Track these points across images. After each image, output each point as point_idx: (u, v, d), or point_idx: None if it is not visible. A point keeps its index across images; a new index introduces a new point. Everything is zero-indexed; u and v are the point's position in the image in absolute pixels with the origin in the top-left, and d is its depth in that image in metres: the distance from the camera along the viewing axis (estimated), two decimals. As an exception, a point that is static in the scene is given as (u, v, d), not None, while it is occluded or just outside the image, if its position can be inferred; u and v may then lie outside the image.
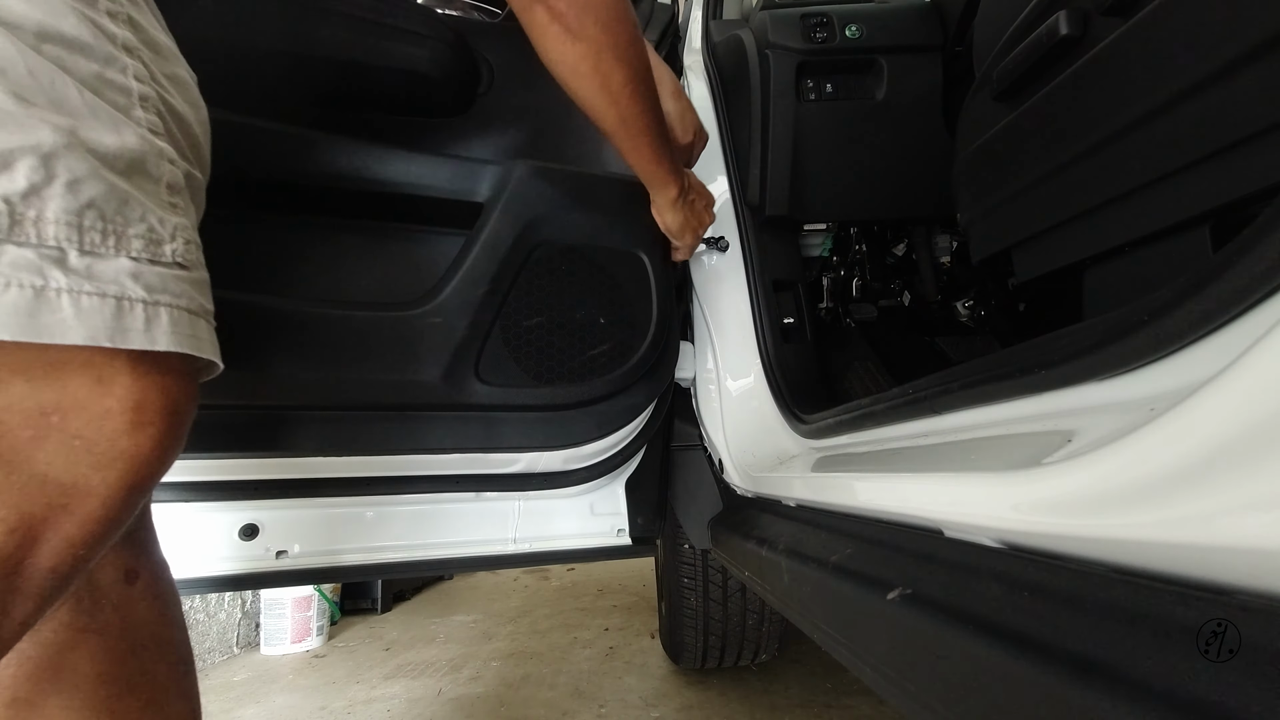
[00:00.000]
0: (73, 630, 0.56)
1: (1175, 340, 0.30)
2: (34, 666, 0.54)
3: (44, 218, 0.40)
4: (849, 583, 0.56)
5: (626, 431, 0.99)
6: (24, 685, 0.53)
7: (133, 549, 0.62)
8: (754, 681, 1.74)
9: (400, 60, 0.93)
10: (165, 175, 0.49)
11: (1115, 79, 0.60)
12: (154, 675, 0.60)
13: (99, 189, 0.43)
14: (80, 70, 0.44)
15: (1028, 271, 0.82)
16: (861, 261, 1.45)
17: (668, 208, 0.93)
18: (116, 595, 0.59)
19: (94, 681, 0.56)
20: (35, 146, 0.40)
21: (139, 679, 0.59)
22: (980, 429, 0.52)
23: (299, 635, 2.38)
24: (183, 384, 0.47)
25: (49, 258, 0.40)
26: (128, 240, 0.44)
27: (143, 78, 0.49)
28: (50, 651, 0.54)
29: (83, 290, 0.41)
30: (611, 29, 0.69)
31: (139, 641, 0.60)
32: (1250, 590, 0.26)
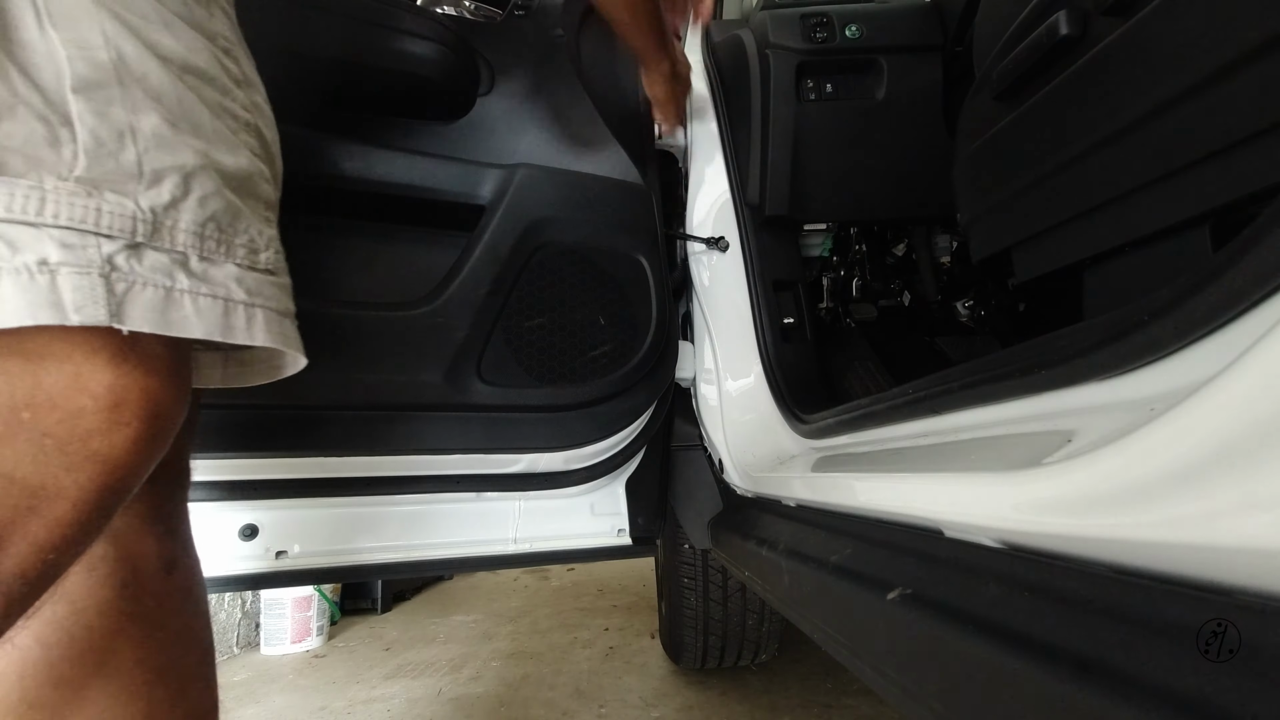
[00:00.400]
0: (118, 616, 0.57)
1: (1175, 340, 0.30)
2: (80, 650, 0.55)
3: (178, 227, 0.46)
4: (849, 583, 0.56)
5: (627, 432, 0.99)
6: (70, 668, 0.54)
7: (174, 540, 0.63)
8: (754, 681, 1.74)
9: (401, 62, 0.93)
10: (264, 193, 0.55)
11: (1115, 79, 0.60)
12: (184, 664, 0.62)
13: (220, 204, 0.49)
14: (209, 99, 0.51)
15: (1028, 271, 0.82)
16: (861, 261, 1.45)
17: (660, 80, 1.05)
18: (157, 585, 0.60)
19: (132, 667, 0.57)
20: (180, 166, 0.46)
21: (171, 667, 0.61)
22: (980, 429, 0.52)
23: (299, 635, 2.38)
24: (168, 386, 0.47)
25: (177, 261, 0.46)
26: (235, 249, 0.50)
27: (246, 106, 0.56)
28: (95, 636, 0.56)
29: (200, 292, 0.47)
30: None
31: (173, 631, 0.61)
32: (1250, 590, 0.26)
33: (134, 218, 0.44)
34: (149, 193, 0.44)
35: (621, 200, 1.00)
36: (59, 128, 0.42)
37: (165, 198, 0.45)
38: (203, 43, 0.51)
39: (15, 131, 0.41)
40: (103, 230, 0.42)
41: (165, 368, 0.47)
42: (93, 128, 0.43)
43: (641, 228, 1.00)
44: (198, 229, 0.47)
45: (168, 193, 0.45)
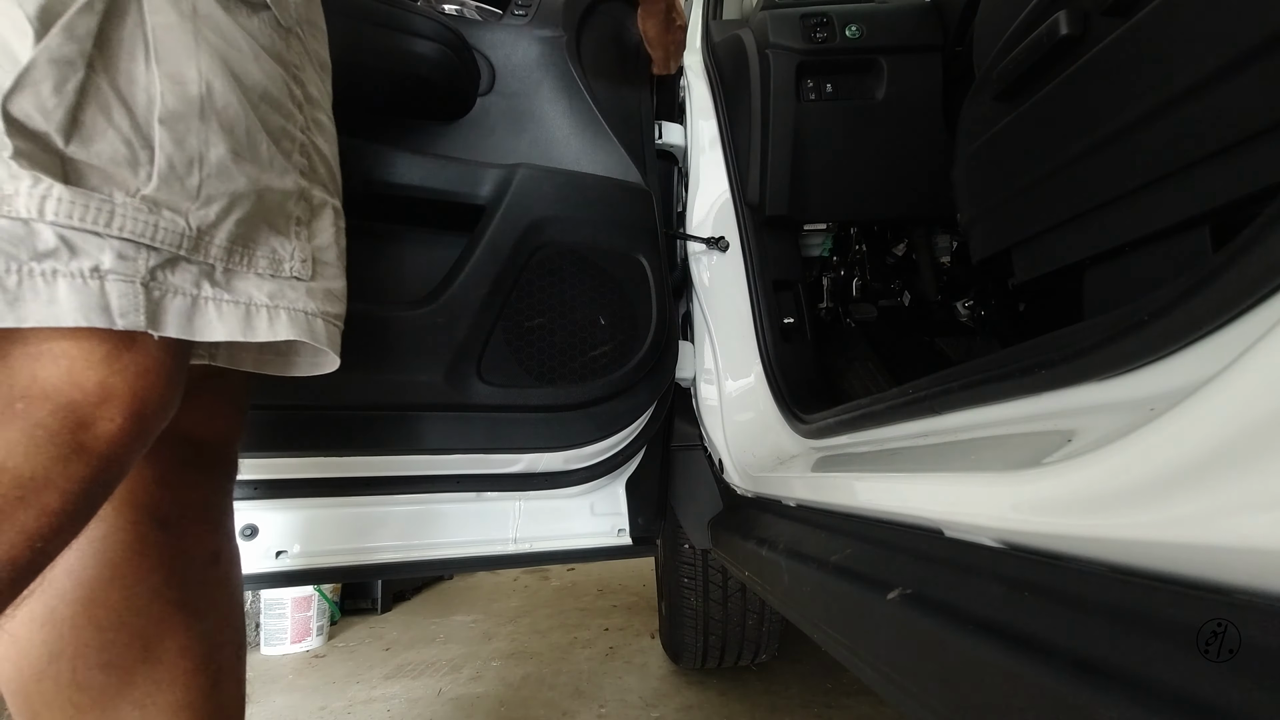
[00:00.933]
0: (166, 603, 0.59)
1: (1175, 340, 0.30)
2: (130, 635, 0.58)
3: (214, 242, 0.50)
4: (849, 583, 0.56)
5: (627, 432, 0.99)
6: (120, 652, 0.57)
7: (221, 533, 0.66)
8: (754, 681, 1.74)
9: (401, 62, 0.93)
10: (295, 211, 0.58)
11: (1115, 79, 0.60)
12: (222, 656, 0.64)
13: (251, 223, 0.53)
14: (272, 125, 0.55)
15: (1028, 271, 0.81)
16: (861, 261, 1.45)
17: (655, 15, 1.05)
18: (204, 574, 0.63)
19: (176, 655, 0.60)
20: (231, 192, 0.50)
21: (210, 658, 0.62)
22: (980, 429, 0.52)
23: (299, 635, 2.38)
24: (156, 386, 0.49)
25: (204, 272, 0.49)
26: (256, 260, 0.53)
27: (304, 126, 0.60)
28: (145, 622, 0.58)
29: (223, 299, 0.50)
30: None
31: (214, 621, 0.64)
32: (1250, 590, 0.26)
33: (182, 234, 0.47)
34: (199, 212, 0.49)
35: (622, 200, 1.00)
36: (139, 150, 0.46)
37: (211, 218, 0.49)
38: (279, 71, 0.56)
39: (103, 151, 0.44)
40: (155, 243, 0.46)
41: (157, 368, 0.48)
42: (170, 154, 0.47)
43: (641, 227, 1.00)
44: (228, 244, 0.51)
45: (214, 214, 0.49)
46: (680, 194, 1.38)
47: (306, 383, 0.80)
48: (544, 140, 1.06)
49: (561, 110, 1.08)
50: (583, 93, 1.10)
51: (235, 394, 0.69)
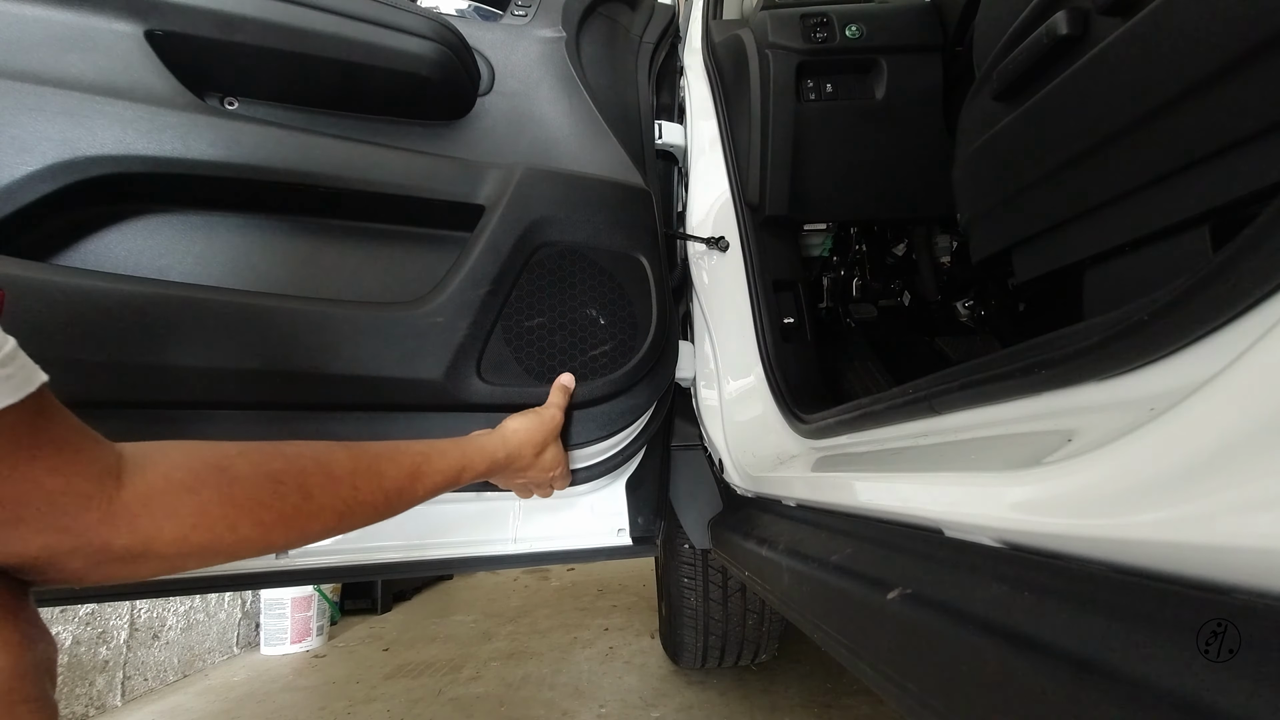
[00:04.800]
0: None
1: (1175, 340, 0.30)
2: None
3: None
4: (849, 583, 0.56)
5: (627, 432, 0.99)
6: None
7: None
8: (754, 681, 1.74)
9: (401, 62, 0.93)
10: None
11: (1115, 79, 0.60)
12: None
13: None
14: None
15: (1028, 271, 0.82)
16: (861, 261, 1.45)
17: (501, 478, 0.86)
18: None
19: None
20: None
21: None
22: (980, 429, 0.52)
23: (299, 635, 2.38)
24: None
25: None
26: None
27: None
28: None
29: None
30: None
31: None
32: (1250, 590, 0.26)
33: None
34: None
35: (621, 200, 1.00)
36: None
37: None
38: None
39: None
40: None
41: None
42: None
43: (641, 227, 1.00)
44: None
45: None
46: (680, 194, 1.38)
47: (306, 382, 0.80)
48: (544, 140, 1.06)
49: (561, 110, 1.08)
50: (582, 93, 1.10)
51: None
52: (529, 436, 0.83)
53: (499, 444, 0.80)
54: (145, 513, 0.46)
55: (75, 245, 0.79)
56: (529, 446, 0.83)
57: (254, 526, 0.52)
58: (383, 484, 0.64)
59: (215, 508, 0.50)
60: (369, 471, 0.63)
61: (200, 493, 0.50)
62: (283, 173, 0.84)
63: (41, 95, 0.74)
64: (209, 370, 0.75)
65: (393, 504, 0.66)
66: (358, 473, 0.62)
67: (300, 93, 0.95)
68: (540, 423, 0.85)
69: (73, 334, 0.69)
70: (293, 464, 0.57)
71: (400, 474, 0.67)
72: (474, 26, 1.11)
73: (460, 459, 0.75)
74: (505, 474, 0.83)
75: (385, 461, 0.65)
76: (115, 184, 0.78)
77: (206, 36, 0.84)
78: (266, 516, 0.53)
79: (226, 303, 0.77)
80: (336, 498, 0.59)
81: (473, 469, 0.76)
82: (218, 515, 0.50)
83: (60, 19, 0.79)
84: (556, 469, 0.89)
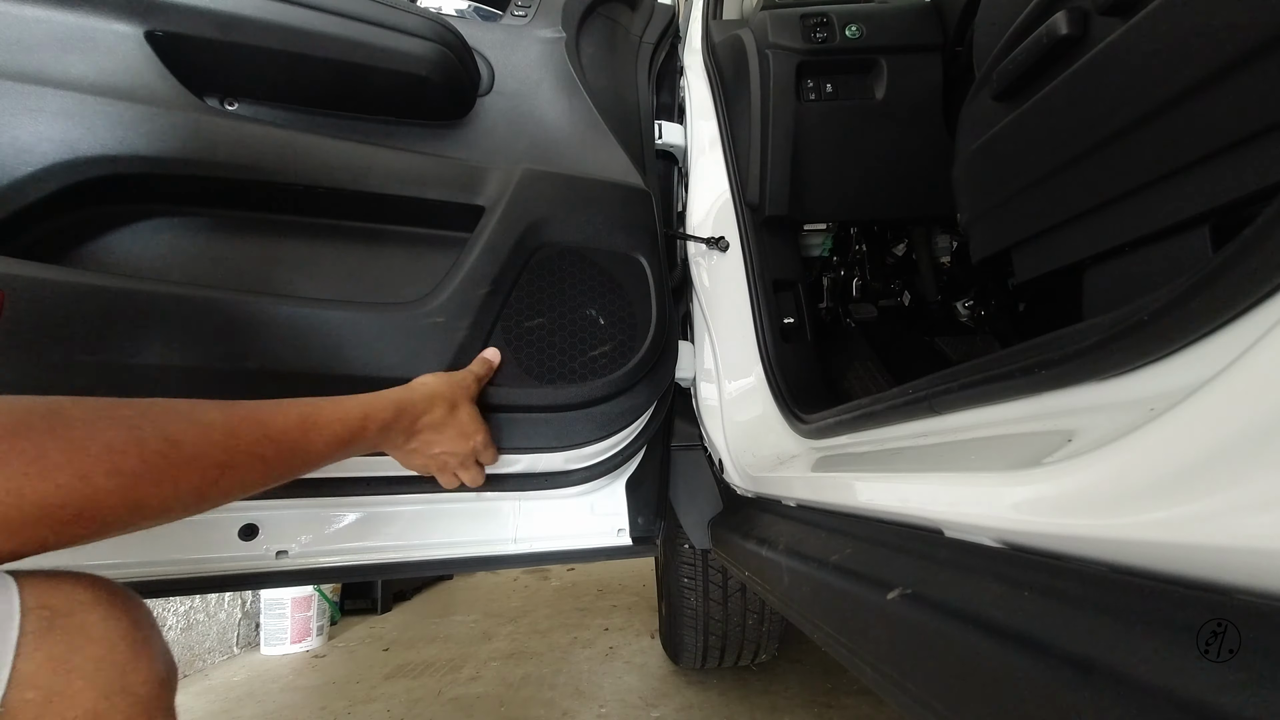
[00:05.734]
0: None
1: (1175, 340, 0.30)
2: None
3: None
4: (849, 583, 0.56)
5: (627, 432, 0.99)
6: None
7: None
8: (754, 681, 1.74)
9: (401, 62, 0.93)
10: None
11: (1115, 79, 0.60)
12: None
13: None
14: None
15: (1028, 271, 0.82)
16: (861, 261, 1.45)
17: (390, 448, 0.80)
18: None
19: None
20: None
21: None
22: (980, 429, 0.52)
23: (299, 635, 2.39)
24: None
25: None
26: None
27: None
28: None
29: None
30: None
31: None
32: (1250, 590, 0.26)
33: None
34: None
35: (621, 201, 1.00)
36: None
37: None
38: None
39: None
40: None
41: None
42: None
43: (641, 228, 1.00)
44: None
45: None
46: (680, 194, 1.38)
47: (307, 382, 0.80)
48: (544, 140, 1.06)
49: (561, 110, 1.08)
50: (582, 93, 1.10)
51: None
52: (437, 389, 0.79)
53: (405, 393, 0.76)
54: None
55: (75, 245, 0.79)
56: (439, 400, 0.78)
57: (110, 475, 0.45)
58: (268, 433, 0.58)
59: (54, 453, 0.43)
60: (247, 420, 0.57)
61: (28, 436, 0.43)
62: (282, 173, 0.84)
63: (41, 95, 0.74)
64: (209, 370, 0.75)
65: (286, 458, 0.60)
66: (233, 420, 0.56)
67: (300, 93, 0.95)
68: (450, 379, 0.81)
69: (73, 334, 0.69)
70: (146, 410, 0.51)
71: (287, 423, 0.61)
72: (474, 27, 1.11)
73: (360, 407, 0.69)
74: (421, 435, 0.78)
75: (266, 411, 0.60)
76: (115, 185, 0.78)
77: (207, 37, 0.84)
78: (125, 464, 0.46)
79: (226, 303, 0.77)
80: (210, 444, 0.53)
81: (377, 419, 0.70)
82: (59, 461, 0.43)
83: (61, 19, 0.79)
84: (477, 435, 0.83)
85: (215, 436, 0.54)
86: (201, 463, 0.52)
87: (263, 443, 0.58)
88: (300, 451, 0.62)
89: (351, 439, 0.67)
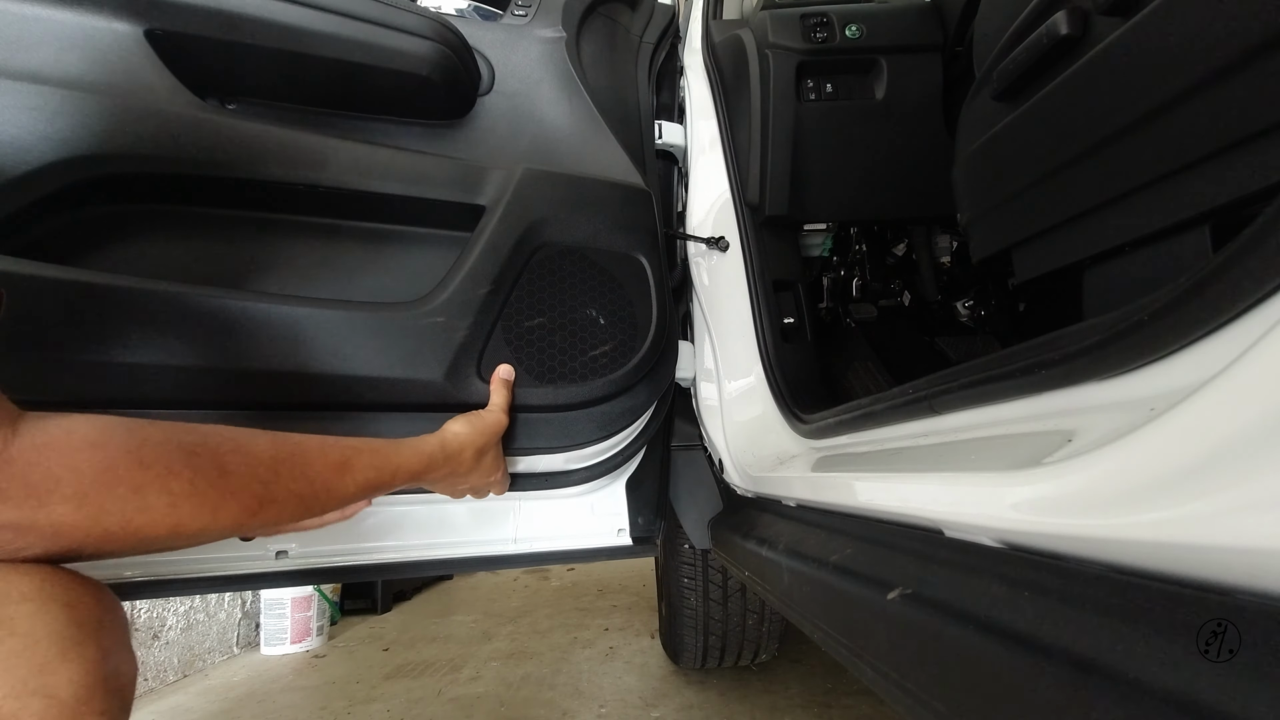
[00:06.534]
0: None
1: (1175, 340, 0.30)
2: None
3: None
4: (849, 583, 0.56)
5: (627, 432, 0.99)
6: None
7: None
8: (754, 681, 1.74)
9: (401, 62, 0.93)
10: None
11: (1115, 79, 0.60)
12: None
13: None
14: None
15: (1028, 271, 0.82)
16: (861, 261, 1.46)
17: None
18: None
19: None
20: None
21: None
22: (980, 429, 0.52)
23: (299, 635, 2.39)
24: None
25: None
26: None
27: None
28: None
29: None
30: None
31: None
32: (1250, 590, 0.26)
33: None
34: None
35: (622, 200, 1.00)
36: None
37: None
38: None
39: None
40: None
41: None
42: None
43: (641, 227, 1.00)
44: None
45: None
46: (680, 194, 1.38)
47: (307, 382, 0.80)
48: (544, 140, 1.06)
49: (561, 110, 1.08)
50: (583, 93, 1.10)
51: None
52: (469, 440, 0.80)
53: (437, 446, 0.77)
54: (40, 461, 0.43)
55: (75, 245, 0.79)
56: (469, 450, 0.80)
57: (161, 494, 0.48)
58: (307, 473, 0.60)
59: (122, 467, 0.46)
60: (292, 459, 0.59)
61: (105, 448, 0.46)
62: (282, 173, 0.84)
63: (41, 95, 0.74)
64: (208, 370, 0.75)
65: (319, 497, 0.62)
66: (279, 458, 0.58)
67: (300, 93, 0.95)
68: (483, 426, 0.82)
69: (73, 334, 0.69)
70: (208, 438, 0.53)
71: (326, 465, 0.63)
72: (474, 26, 1.11)
73: (393, 456, 0.71)
74: (445, 479, 0.80)
75: (311, 451, 0.62)
76: (115, 184, 0.78)
77: (207, 36, 0.84)
78: (176, 485, 0.49)
79: (226, 303, 0.77)
80: (255, 479, 0.55)
81: (407, 469, 0.73)
82: (123, 474, 0.46)
83: (60, 18, 0.79)
84: (496, 474, 0.86)
85: (261, 473, 0.56)
86: (243, 495, 0.54)
87: (300, 482, 0.59)
88: (334, 493, 0.63)
89: (380, 486, 0.70)
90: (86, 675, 0.43)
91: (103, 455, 0.45)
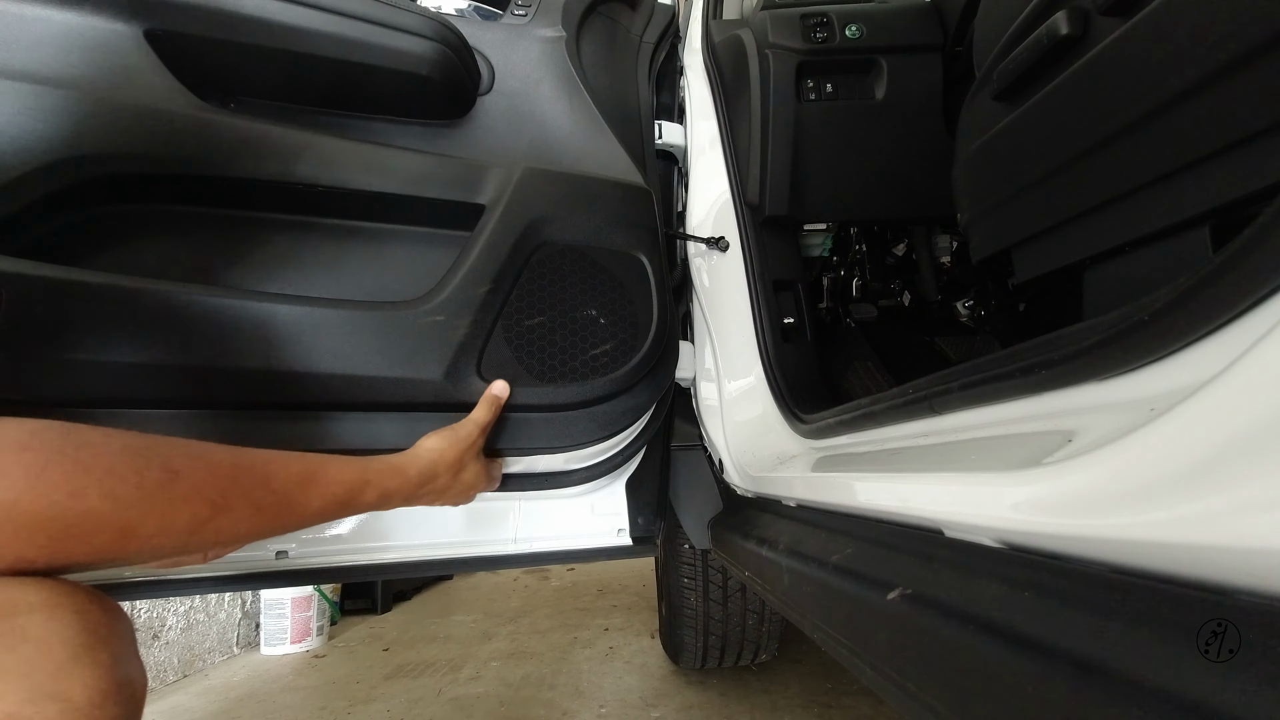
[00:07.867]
0: None
1: (1175, 340, 0.30)
2: None
3: None
4: (849, 583, 0.56)
5: (627, 432, 0.99)
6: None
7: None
8: (754, 681, 1.74)
9: (401, 62, 0.93)
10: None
11: (1115, 79, 0.60)
12: None
13: None
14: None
15: (1028, 271, 0.82)
16: (861, 261, 1.46)
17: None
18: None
19: None
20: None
21: None
22: (980, 429, 0.52)
23: (299, 635, 2.39)
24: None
25: None
26: None
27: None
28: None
29: None
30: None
31: None
32: (1250, 590, 0.26)
33: None
34: None
35: (622, 199, 1.00)
36: None
37: None
38: None
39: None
40: None
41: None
42: None
43: (642, 227, 1.00)
44: None
45: None
46: (680, 194, 1.38)
47: (307, 381, 0.80)
48: (544, 139, 1.06)
49: (562, 110, 1.08)
50: (583, 92, 1.10)
51: None
52: (443, 456, 0.78)
53: (410, 461, 0.75)
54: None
55: (75, 245, 0.79)
56: (443, 466, 0.78)
57: (105, 498, 0.46)
58: (269, 484, 0.59)
59: (57, 470, 0.44)
60: (253, 468, 0.58)
61: (38, 450, 0.44)
62: (282, 173, 0.84)
63: (41, 95, 0.74)
64: (207, 370, 0.75)
65: (281, 512, 0.60)
66: (239, 466, 0.57)
67: (301, 92, 0.94)
68: (455, 440, 0.79)
69: (73, 333, 0.69)
70: (156, 443, 0.51)
71: (289, 477, 0.61)
72: (474, 26, 1.11)
73: (362, 472, 0.69)
74: (422, 496, 0.78)
75: (273, 462, 0.60)
76: (114, 184, 0.78)
77: (207, 36, 0.84)
78: (121, 489, 0.47)
79: (225, 302, 0.77)
80: (209, 484, 0.53)
81: (378, 485, 0.70)
82: (59, 479, 0.44)
83: (60, 18, 0.79)
84: (478, 486, 0.84)
85: (216, 478, 0.54)
86: (196, 500, 0.52)
87: (261, 491, 0.58)
88: (297, 507, 0.62)
89: (350, 502, 0.67)
90: (100, 680, 0.43)
91: (33, 458, 0.44)
